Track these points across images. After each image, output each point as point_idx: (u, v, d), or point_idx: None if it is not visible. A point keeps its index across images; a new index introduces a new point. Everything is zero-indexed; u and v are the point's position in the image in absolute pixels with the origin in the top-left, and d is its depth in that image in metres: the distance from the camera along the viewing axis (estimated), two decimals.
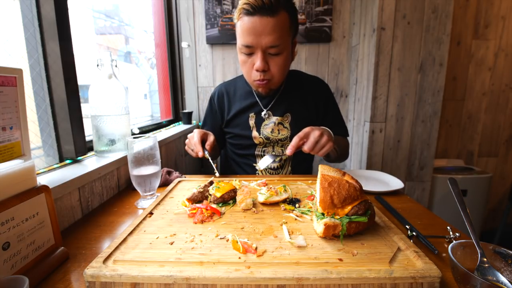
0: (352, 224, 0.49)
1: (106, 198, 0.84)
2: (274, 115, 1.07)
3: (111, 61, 0.86)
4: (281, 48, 0.90)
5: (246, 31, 0.88)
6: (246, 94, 1.10)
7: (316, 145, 0.78)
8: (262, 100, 1.08)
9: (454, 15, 1.85)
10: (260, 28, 0.86)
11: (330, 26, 1.88)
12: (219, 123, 1.16)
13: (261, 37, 0.87)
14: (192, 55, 1.97)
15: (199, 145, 0.90)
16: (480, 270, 0.42)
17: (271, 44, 0.88)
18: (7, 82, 0.52)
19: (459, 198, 0.50)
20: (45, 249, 0.48)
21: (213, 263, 0.43)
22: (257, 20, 0.85)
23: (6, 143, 0.52)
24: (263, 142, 1.07)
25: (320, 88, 1.12)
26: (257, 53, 0.91)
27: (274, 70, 0.94)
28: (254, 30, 0.87)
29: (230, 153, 1.18)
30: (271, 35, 0.87)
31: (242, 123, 1.09)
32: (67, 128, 0.83)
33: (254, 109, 1.08)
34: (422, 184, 1.76)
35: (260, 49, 0.89)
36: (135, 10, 1.84)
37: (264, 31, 0.86)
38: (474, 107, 2.07)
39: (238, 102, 1.11)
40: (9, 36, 0.75)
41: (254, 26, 0.86)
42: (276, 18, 0.86)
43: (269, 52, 0.91)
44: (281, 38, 0.88)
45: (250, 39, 0.88)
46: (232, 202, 0.67)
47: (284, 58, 0.93)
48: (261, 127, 1.07)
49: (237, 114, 1.10)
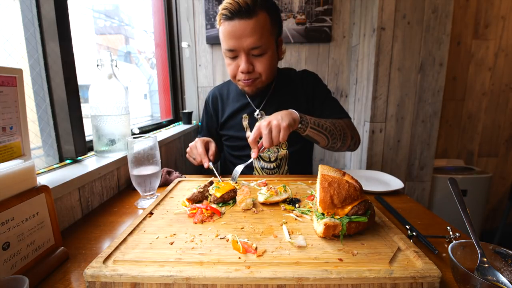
0: (352, 224, 0.49)
1: (106, 198, 0.84)
2: (267, 114, 1.07)
3: (111, 61, 0.86)
4: (264, 48, 0.91)
5: (227, 35, 0.90)
6: (238, 95, 1.11)
7: (271, 135, 0.74)
8: (254, 100, 1.08)
9: (454, 15, 1.85)
10: (240, 31, 0.87)
11: (330, 26, 1.88)
12: (215, 126, 1.17)
13: (242, 40, 0.88)
14: (192, 55, 1.97)
15: (204, 156, 0.92)
16: (480, 270, 0.42)
17: (252, 45, 0.89)
18: (7, 82, 0.52)
19: (459, 198, 0.50)
20: (45, 249, 0.48)
21: (213, 263, 0.43)
22: (236, 23, 0.87)
23: (6, 143, 0.52)
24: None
25: (307, 79, 1.11)
26: (241, 55, 0.92)
27: (260, 69, 0.95)
28: (234, 34, 0.88)
29: (227, 155, 1.18)
30: (251, 37, 0.88)
31: (236, 125, 1.10)
32: (67, 128, 0.83)
33: (247, 110, 1.09)
34: (422, 184, 1.76)
35: (243, 51, 0.91)
36: (135, 10, 1.84)
37: (244, 34, 0.87)
38: (474, 107, 2.07)
39: (231, 104, 1.12)
40: (9, 36, 0.75)
41: (234, 30, 0.88)
42: (255, 19, 0.87)
43: (252, 54, 0.92)
44: (262, 39, 0.89)
45: (231, 43, 0.90)
46: (232, 202, 0.67)
47: (268, 57, 0.94)
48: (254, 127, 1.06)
49: (231, 116, 1.11)
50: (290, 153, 1.07)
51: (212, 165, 0.91)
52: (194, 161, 0.98)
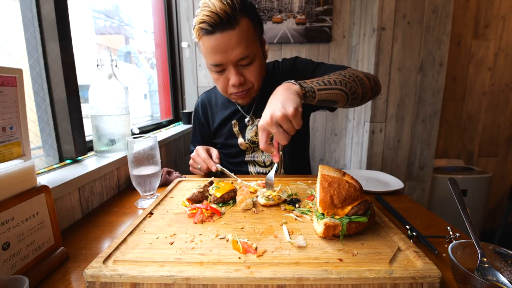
0: (352, 224, 0.49)
1: (106, 198, 0.84)
2: (256, 118, 1.03)
3: (111, 61, 0.86)
4: (252, 57, 0.85)
5: (211, 51, 0.82)
6: (227, 102, 1.07)
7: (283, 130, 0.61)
8: (243, 107, 1.04)
9: (454, 15, 1.85)
10: (224, 44, 0.80)
11: (330, 26, 1.88)
12: (208, 134, 1.13)
13: (228, 53, 0.81)
14: (192, 55, 1.97)
15: (209, 160, 0.89)
16: (480, 270, 0.42)
17: (240, 57, 0.83)
18: (7, 82, 0.52)
19: (459, 198, 0.50)
20: (45, 249, 0.48)
21: (213, 263, 0.43)
22: (219, 37, 0.79)
23: (6, 143, 0.52)
24: (250, 147, 1.04)
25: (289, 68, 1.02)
26: (229, 68, 0.86)
27: (251, 79, 0.89)
28: (219, 48, 0.81)
29: (224, 162, 1.15)
30: (237, 48, 0.81)
31: (227, 132, 1.06)
32: (67, 128, 0.83)
33: (236, 116, 1.05)
34: (422, 184, 1.76)
35: (231, 64, 0.84)
36: (135, 10, 1.84)
37: (229, 47, 0.80)
38: (474, 107, 2.07)
39: (220, 111, 1.08)
40: (9, 36, 0.75)
41: (218, 44, 0.80)
42: (238, 29, 0.80)
43: (241, 64, 0.86)
44: (249, 47, 0.83)
45: (217, 58, 0.83)
46: (232, 202, 0.67)
47: (257, 64, 0.89)
48: (245, 132, 1.04)
49: (221, 124, 1.07)
50: (285, 156, 1.05)
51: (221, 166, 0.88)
52: (200, 171, 0.94)
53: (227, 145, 1.08)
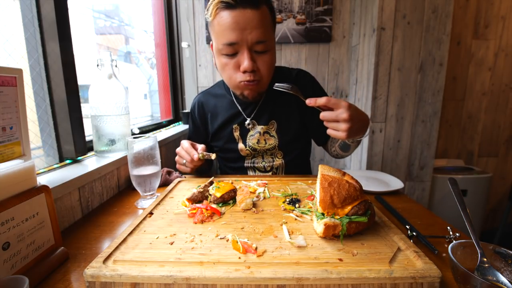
0: (352, 224, 0.49)
1: (106, 198, 0.84)
2: (258, 124, 0.98)
3: (111, 61, 0.86)
4: (268, 45, 0.81)
5: (228, 27, 0.77)
6: (227, 104, 1.01)
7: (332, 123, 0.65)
8: (245, 109, 0.99)
9: (454, 15, 1.85)
10: (244, 22, 0.76)
11: (330, 26, 1.88)
12: (203, 137, 1.08)
13: (246, 32, 0.77)
14: (192, 55, 1.97)
15: (191, 149, 0.84)
16: (480, 270, 0.42)
17: (258, 39, 0.78)
18: (7, 82, 0.52)
19: (459, 198, 0.50)
20: (45, 249, 0.48)
21: (213, 263, 0.43)
22: (240, 13, 0.75)
23: (6, 143, 0.52)
24: (250, 153, 1.00)
25: (302, 82, 1.01)
26: (243, 51, 0.80)
27: (263, 69, 0.84)
28: (237, 25, 0.76)
29: (222, 167, 1.12)
30: (257, 29, 0.77)
31: (226, 136, 1.01)
32: (67, 128, 0.83)
33: (237, 119, 0.99)
34: (422, 184, 1.76)
35: (246, 46, 0.79)
36: (135, 10, 1.84)
37: (249, 25, 0.76)
38: (474, 107, 2.07)
39: (220, 114, 1.01)
40: (9, 36, 0.75)
41: (237, 20, 0.76)
42: (260, 11, 0.77)
43: (255, 50, 0.81)
44: (267, 34, 0.80)
45: (233, 36, 0.77)
46: (232, 202, 0.67)
47: (272, 56, 0.85)
48: (246, 138, 0.99)
49: (221, 127, 1.01)
50: (286, 163, 1.02)
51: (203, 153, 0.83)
52: (185, 167, 0.88)
53: (226, 149, 1.03)
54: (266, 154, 1.01)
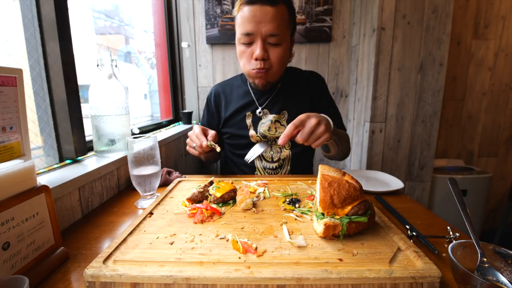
0: (352, 224, 0.49)
1: (106, 198, 0.84)
2: (270, 113, 1.06)
3: (111, 61, 0.86)
4: (280, 39, 0.92)
5: (246, 19, 0.90)
6: (243, 93, 1.10)
7: (311, 135, 0.72)
8: (258, 98, 1.08)
9: (454, 15, 1.85)
10: (260, 16, 0.88)
11: (330, 26, 1.88)
12: (216, 124, 1.15)
13: (261, 25, 0.89)
14: (192, 55, 1.97)
15: (202, 136, 0.87)
16: (480, 270, 0.42)
17: (270, 32, 0.89)
18: (7, 82, 0.52)
19: (459, 198, 0.50)
20: (45, 249, 0.48)
21: (213, 263, 0.43)
22: (258, 8, 0.88)
23: (6, 143, 0.52)
24: (260, 140, 1.07)
25: (314, 82, 1.11)
26: (257, 41, 0.92)
27: (274, 59, 0.94)
28: (254, 18, 0.89)
29: (228, 154, 1.17)
30: (271, 23, 0.89)
31: (239, 122, 1.09)
32: (67, 128, 0.83)
33: (251, 107, 1.08)
34: (422, 184, 1.76)
35: (260, 37, 0.91)
36: (135, 10, 1.84)
37: (264, 19, 0.88)
38: (474, 107, 2.07)
39: (234, 101, 1.11)
40: (9, 36, 0.75)
41: (254, 14, 0.88)
42: (276, 8, 0.88)
43: (268, 42, 0.92)
44: (280, 28, 0.90)
45: (250, 27, 0.90)
46: (232, 202, 0.67)
47: (283, 49, 0.94)
48: (258, 125, 1.07)
49: (234, 114, 1.09)
50: (293, 154, 1.07)
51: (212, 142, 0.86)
52: (195, 150, 0.92)
53: (237, 136, 1.09)
54: (274, 143, 1.07)
